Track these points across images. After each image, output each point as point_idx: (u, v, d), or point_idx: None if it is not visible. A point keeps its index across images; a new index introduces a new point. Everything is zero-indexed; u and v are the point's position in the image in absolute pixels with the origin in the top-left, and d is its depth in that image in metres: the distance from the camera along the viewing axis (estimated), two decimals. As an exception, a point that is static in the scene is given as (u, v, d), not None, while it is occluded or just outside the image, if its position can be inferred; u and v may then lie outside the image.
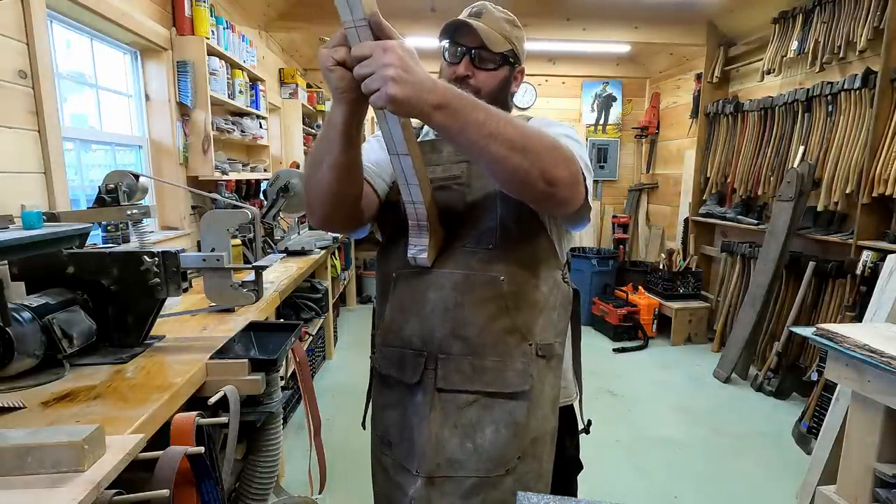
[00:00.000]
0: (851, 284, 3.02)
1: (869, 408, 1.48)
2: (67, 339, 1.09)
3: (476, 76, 1.04)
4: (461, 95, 0.76)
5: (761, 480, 2.47)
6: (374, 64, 0.69)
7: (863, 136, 3.04)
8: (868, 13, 3.01)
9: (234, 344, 1.30)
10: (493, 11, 1.05)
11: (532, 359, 1.00)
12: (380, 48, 0.69)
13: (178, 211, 2.75)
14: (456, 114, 0.74)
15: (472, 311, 0.98)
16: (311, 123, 5.38)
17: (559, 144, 0.85)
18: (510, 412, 0.99)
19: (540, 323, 1.02)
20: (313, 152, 0.91)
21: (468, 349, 0.98)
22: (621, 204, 6.06)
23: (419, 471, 0.98)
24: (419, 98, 0.71)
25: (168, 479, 0.81)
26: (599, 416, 3.15)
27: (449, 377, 0.98)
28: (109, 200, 1.61)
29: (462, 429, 0.98)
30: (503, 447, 0.98)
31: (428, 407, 0.99)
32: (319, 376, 3.55)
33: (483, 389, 0.98)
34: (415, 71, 0.70)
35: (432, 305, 0.99)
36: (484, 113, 0.77)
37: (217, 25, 2.89)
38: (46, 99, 1.73)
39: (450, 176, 1.02)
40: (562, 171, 0.84)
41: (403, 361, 1.03)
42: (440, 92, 0.73)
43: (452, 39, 1.04)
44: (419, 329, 1.01)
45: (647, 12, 4.31)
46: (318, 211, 0.95)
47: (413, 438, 1.00)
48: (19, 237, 1.17)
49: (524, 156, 0.80)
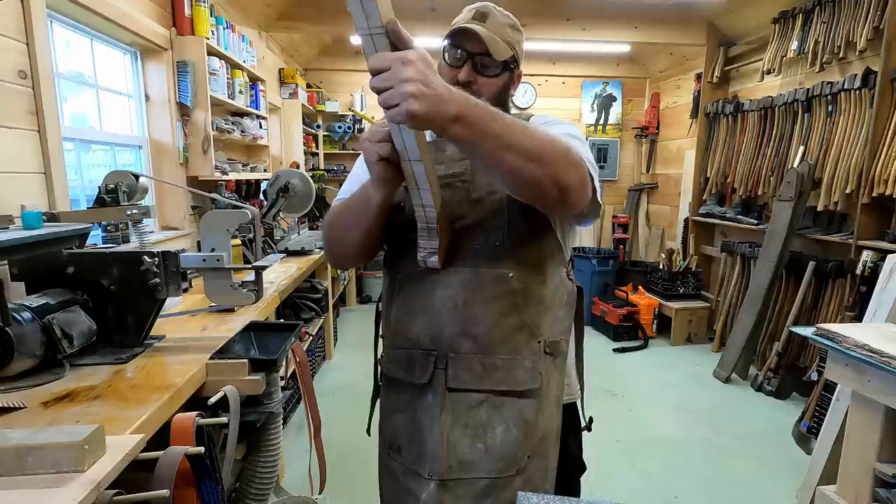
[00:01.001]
0: (851, 284, 3.02)
1: (869, 408, 1.48)
2: (67, 339, 1.09)
3: (477, 82, 1.02)
4: (477, 105, 0.74)
5: (761, 480, 2.47)
6: (393, 78, 0.66)
7: (863, 136, 3.04)
8: (868, 13, 3.01)
9: (234, 344, 1.30)
10: (497, 15, 1.03)
11: (541, 356, 1.00)
12: (399, 61, 0.66)
13: (178, 211, 2.75)
14: (473, 126, 0.73)
15: (481, 309, 0.97)
16: (311, 123, 5.38)
17: (569, 149, 0.84)
18: (520, 410, 0.99)
19: (548, 320, 1.01)
20: (343, 217, 1.04)
21: (478, 347, 0.98)
22: (621, 204, 6.06)
23: (432, 474, 0.97)
24: (438, 112, 0.68)
25: (168, 479, 0.81)
26: (599, 416, 3.14)
27: (459, 376, 0.98)
28: (109, 200, 1.61)
29: (473, 429, 0.98)
30: (514, 446, 0.98)
31: (438, 408, 0.98)
32: (319, 376, 3.55)
33: (493, 388, 0.98)
34: (434, 84, 0.67)
35: (441, 304, 0.99)
36: (501, 124, 0.75)
37: (217, 25, 2.89)
38: (46, 99, 1.73)
39: (453, 173, 1.01)
40: (572, 177, 0.84)
41: (412, 362, 1.02)
42: (458, 104, 0.70)
43: (456, 43, 1.02)
44: (428, 328, 1.00)
45: (646, 12, 4.31)
46: (347, 263, 1.11)
47: (423, 441, 1.00)
48: (19, 237, 1.17)
49: (538, 165, 0.79)
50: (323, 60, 5.64)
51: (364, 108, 5.60)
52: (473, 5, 1.05)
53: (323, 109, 5.49)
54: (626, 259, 5.52)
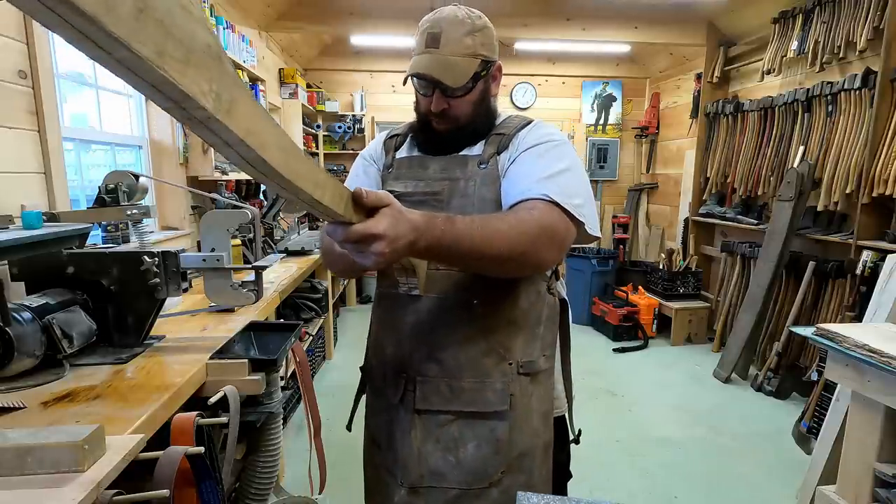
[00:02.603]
0: (851, 284, 3.02)
1: (869, 408, 1.48)
2: (67, 339, 1.09)
3: (451, 106, 1.01)
4: (444, 235, 0.76)
5: (761, 480, 2.46)
6: (364, 247, 0.68)
7: (863, 136, 3.04)
8: (868, 13, 3.01)
9: (234, 344, 1.30)
10: (450, 30, 0.97)
11: (512, 378, 1.00)
12: (370, 237, 0.67)
13: (178, 211, 2.75)
14: (443, 252, 0.79)
15: (446, 335, 1.00)
16: (311, 123, 5.38)
17: (545, 224, 0.88)
18: (491, 430, 1.00)
19: (520, 341, 1.01)
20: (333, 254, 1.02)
21: (444, 371, 1.00)
22: (621, 204, 6.06)
23: (403, 481, 1.02)
24: (404, 254, 0.73)
25: (168, 479, 0.81)
26: (599, 416, 3.17)
27: (428, 398, 1.01)
28: (109, 200, 1.61)
29: (444, 443, 1.00)
30: (484, 462, 0.99)
31: (409, 424, 1.02)
32: (319, 376, 3.55)
33: (462, 409, 1.00)
34: (401, 237, 0.69)
35: (409, 329, 1.03)
36: (469, 241, 0.79)
37: (217, 25, 2.89)
38: (46, 99, 1.73)
39: (430, 192, 1.02)
40: (549, 255, 0.90)
41: (386, 379, 1.07)
42: (426, 240, 0.74)
43: (419, 76, 0.99)
44: (398, 350, 1.05)
45: (646, 12, 4.31)
46: (345, 277, 1.10)
47: (397, 449, 1.04)
48: (19, 237, 1.17)
49: (511, 260, 0.85)
50: (323, 60, 5.64)
51: (364, 108, 5.60)
52: (425, 26, 1.00)
53: (323, 109, 5.48)
54: (626, 259, 5.51)
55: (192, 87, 0.37)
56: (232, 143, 0.45)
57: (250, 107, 0.45)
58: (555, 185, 0.91)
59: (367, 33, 4.55)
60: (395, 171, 1.09)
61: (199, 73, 0.37)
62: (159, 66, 0.33)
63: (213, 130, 0.43)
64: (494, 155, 1.02)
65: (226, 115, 0.41)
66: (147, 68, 0.33)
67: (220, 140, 0.44)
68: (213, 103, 0.39)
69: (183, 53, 0.35)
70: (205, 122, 0.41)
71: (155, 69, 0.33)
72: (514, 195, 0.94)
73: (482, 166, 1.01)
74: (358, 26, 4.36)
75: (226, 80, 0.41)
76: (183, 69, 0.35)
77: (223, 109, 0.41)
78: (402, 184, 1.06)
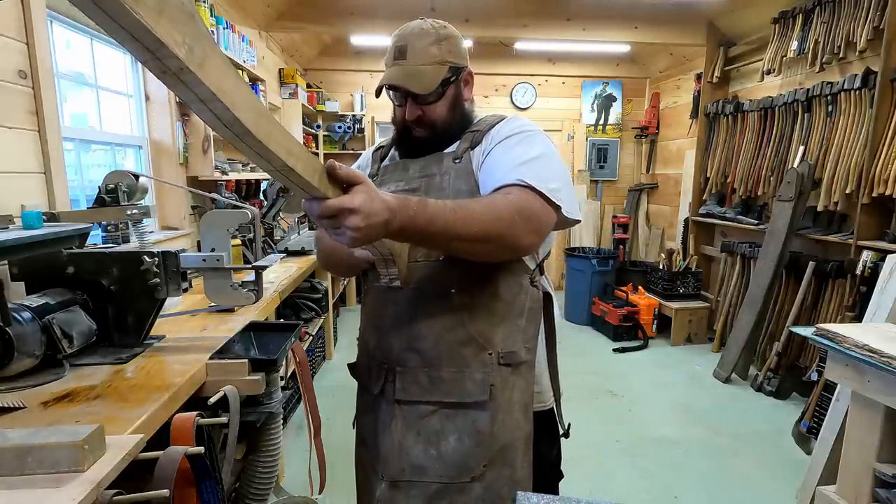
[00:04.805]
0: (851, 284, 3.02)
1: (869, 408, 1.48)
2: (67, 339, 1.09)
3: (425, 112, 1.05)
4: (417, 215, 0.78)
5: (761, 480, 2.47)
6: (339, 222, 0.70)
7: (863, 137, 3.04)
8: (868, 13, 3.01)
9: (234, 344, 1.30)
10: (416, 42, 1.02)
11: (493, 368, 1.00)
12: (345, 210, 0.69)
13: (178, 211, 2.75)
14: (417, 232, 0.80)
15: (425, 325, 1.01)
16: (311, 123, 5.38)
17: (522, 207, 0.88)
18: (473, 421, 1.00)
19: (500, 332, 1.02)
20: (332, 251, 1.13)
21: (424, 361, 1.01)
22: (621, 204, 6.06)
23: (384, 475, 1.03)
24: (379, 233, 0.75)
25: (168, 479, 0.81)
26: (599, 416, 3.18)
27: (407, 388, 1.02)
28: (109, 200, 1.61)
29: (425, 436, 1.01)
30: (466, 455, 0.99)
31: (390, 416, 1.03)
32: (319, 376, 3.55)
33: (442, 400, 1.01)
34: (375, 214, 0.71)
35: (390, 320, 1.05)
36: (442, 222, 0.80)
37: (217, 25, 2.89)
38: (46, 99, 1.73)
39: (409, 189, 1.05)
40: (526, 238, 0.90)
41: (370, 373, 1.10)
42: (399, 220, 0.75)
43: (391, 87, 1.05)
44: (380, 342, 1.07)
45: (646, 12, 4.31)
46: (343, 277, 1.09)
47: (379, 444, 1.05)
48: (19, 237, 1.17)
49: (489, 241, 0.86)
50: (323, 60, 5.64)
51: (364, 108, 5.60)
52: (393, 41, 1.06)
53: (323, 109, 5.48)
54: (626, 259, 5.51)
55: (166, 37, 0.40)
56: (205, 99, 0.48)
57: (223, 66, 0.48)
58: (529, 170, 0.93)
59: (367, 33, 4.55)
60: (381, 177, 1.14)
61: (172, 25, 0.41)
62: (134, 9, 0.37)
63: (186, 84, 0.45)
64: (468, 150, 1.04)
65: (198, 68, 0.44)
66: (123, 11, 0.37)
67: (194, 95, 0.47)
68: (185, 54, 0.42)
69: (157, 3, 0.39)
70: (178, 73, 0.44)
71: (130, 12, 0.37)
72: (491, 184, 0.96)
73: (456, 161, 1.04)
74: (358, 26, 4.36)
75: (199, 38, 0.44)
76: (156, 17, 0.39)
77: (195, 62, 0.44)
78: (386, 187, 1.08)
